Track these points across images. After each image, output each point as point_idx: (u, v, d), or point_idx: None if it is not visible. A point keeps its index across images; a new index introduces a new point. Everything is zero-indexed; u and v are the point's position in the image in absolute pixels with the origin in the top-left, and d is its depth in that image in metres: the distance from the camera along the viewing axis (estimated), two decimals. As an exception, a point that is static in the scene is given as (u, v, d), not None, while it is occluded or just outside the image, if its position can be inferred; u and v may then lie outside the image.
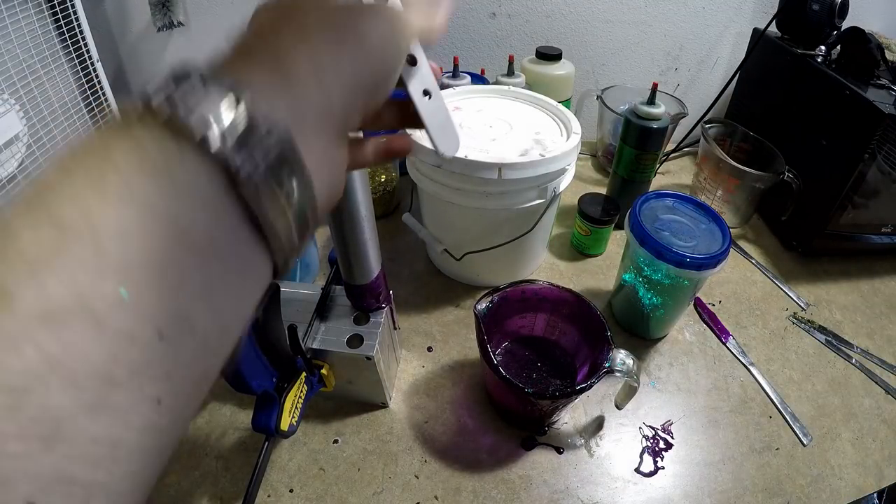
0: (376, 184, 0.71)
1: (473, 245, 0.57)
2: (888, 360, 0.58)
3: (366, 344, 0.43)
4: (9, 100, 0.52)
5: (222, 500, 0.44)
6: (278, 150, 0.15)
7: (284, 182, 0.15)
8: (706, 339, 0.60)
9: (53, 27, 0.58)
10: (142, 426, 0.13)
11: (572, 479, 0.46)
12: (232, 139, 0.14)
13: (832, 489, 0.46)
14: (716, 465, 0.47)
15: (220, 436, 0.48)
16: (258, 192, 0.14)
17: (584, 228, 0.68)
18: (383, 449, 0.47)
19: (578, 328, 0.50)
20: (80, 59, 0.62)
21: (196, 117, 0.13)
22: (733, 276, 0.69)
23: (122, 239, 0.12)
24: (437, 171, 0.52)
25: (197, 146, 0.13)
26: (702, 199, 0.71)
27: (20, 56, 0.53)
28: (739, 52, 0.84)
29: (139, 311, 0.12)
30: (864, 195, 0.63)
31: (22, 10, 0.53)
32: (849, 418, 0.52)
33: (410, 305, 0.61)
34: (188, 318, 0.13)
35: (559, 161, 0.51)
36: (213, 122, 0.13)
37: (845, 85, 0.61)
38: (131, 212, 0.12)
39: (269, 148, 0.14)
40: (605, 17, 0.84)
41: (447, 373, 0.54)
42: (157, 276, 0.12)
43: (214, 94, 0.14)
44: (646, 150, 0.66)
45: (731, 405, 0.53)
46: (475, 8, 0.82)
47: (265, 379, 0.37)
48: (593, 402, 0.52)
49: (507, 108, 0.62)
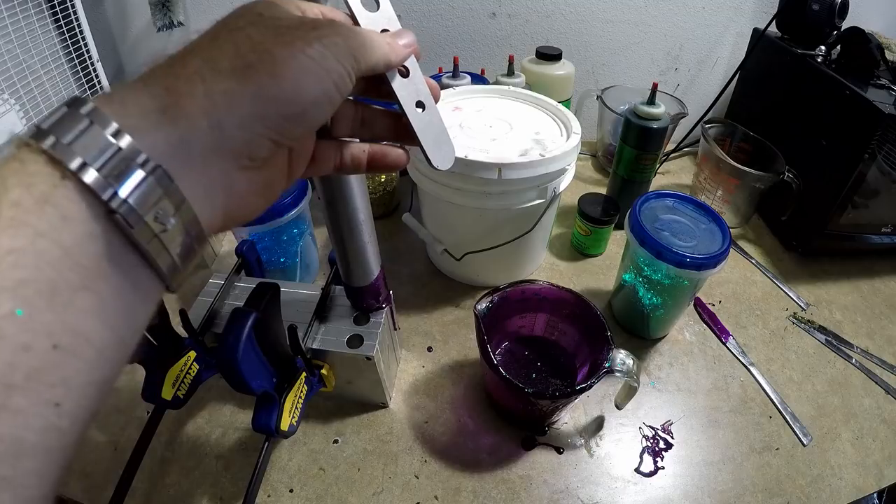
0: (376, 184, 0.71)
1: (473, 245, 0.57)
2: (888, 360, 0.58)
3: (366, 344, 0.43)
4: (9, 100, 0.52)
5: (222, 500, 0.44)
6: (152, 182, 0.16)
7: (159, 213, 0.16)
8: (706, 339, 0.60)
9: (53, 27, 0.58)
10: (42, 427, 0.14)
11: (572, 479, 0.46)
12: (107, 171, 0.15)
13: (832, 489, 0.46)
14: (716, 465, 0.47)
15: (220, 436, 0.48)
16: (128, 224, 0.15)
17: (584, 228, 0.68)
18: (383, 449, 0.47)
19: (578, 328, 0.50)
20: (80, 59, 0.62)
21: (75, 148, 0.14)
22: (733, 276, 0.69)
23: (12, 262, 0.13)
24: (437, 172, 0.52)
25: (74, 177, 0.14)
26: (702, 199, 0.71)
27: (20, 56, 0.53)
28: (739, 52, 0.84)
29: (33, 325, 0.13)
30: (864, 195, 0.63)
31: (22, 10, 0.53)
32: (849, 418, 0.52)
33: (410, 305, 0.61)
34: (81, 331, 0.15)
35: (559, 161, 0.51)
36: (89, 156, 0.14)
37: (845, 85, 0.61)
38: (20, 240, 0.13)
39: (143, 180, 0.15)
40: (605, 17, 0.84)
41: (447, 373, 0.54)
42: (48, 295, 0.14)
43: (96, 127, 0.15)
44: (646, 150, 0.66)
45: (731, 405, 0.53)
46: (475, 8, 0.82)
47: (265, 379, 0.37)
48: (593, 402, 0.52)
49: (507, 108, 0.62)
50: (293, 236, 0.59)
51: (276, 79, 0.18)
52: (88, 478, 0.45)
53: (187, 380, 0.41)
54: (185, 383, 0.41)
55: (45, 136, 0.14)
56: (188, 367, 0.41)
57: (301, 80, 0.19)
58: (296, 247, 0.60)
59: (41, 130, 0.15)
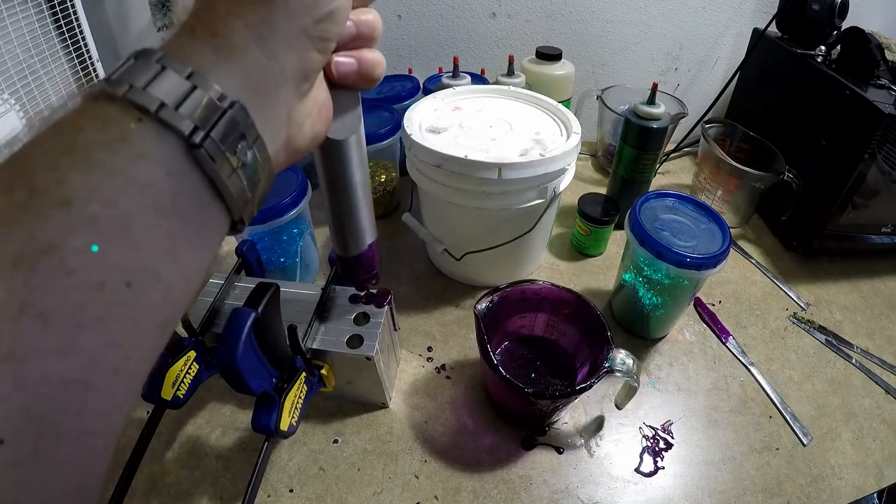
0: (376, 184, 0.71)
1: (473, 245, 0.57)
2: (888, 360, 0.58)
3: (366, 344, 0.43)
4: (9, 100, 0.52)
5: (222, 500, 0.44)
6: (229, 118, 0.16)
7: (237, 147, 0.17)
8: (706, 339, 0.60)
9: (53, 27, 0.58)
10: (109, 369, 0.14)
11: (572, 479, 0.46)
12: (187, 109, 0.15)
13: (832, 489, 0.46)
14: (716, 465, 0.47)
15: (220, 436, 0.48)
16: (211, 158, 0.16)
17: (584, 228, 0.68)
18: (383, 449, 0.47)
19: (578, 328, 0.50)
20: (80, 59, 0.62)
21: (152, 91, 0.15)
22: (733, 276, 0.69)
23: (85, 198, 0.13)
24: (437, 171, 0.52)
25: (152, 117, 0.15)
26: (702, 199, 0.71)
27: (20, 56, 0.53)
28: (739, 52, 0.84)
29: (107, 261, 0.13)
30: (864, 195, 0.63)
31: (22, 10, 0.53)
32: (849, 418, 0.52)
33: (410, 305, 0.61)
34: (153, 268, 0.15)
35: (559, 161, 0.51)
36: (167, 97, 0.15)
37: (845, 85, 0.61)
38: (97, 175, 0.14)
39: (221, 117, 0.16)
40: (605, 17, 0.84)
41: (447, 372, 0.54)
42: (122, 231, 0.14)
43: (169, 72, 0.16)
44: (646, 150, 0.66)
45: (731, 405, 0.53)
46: (475, 8, 0.82)
47: (265, 379, 0.37)
48: (593, 402, 0.52)
49: (507, 108, 0.62)
50: (293, 236, 0.59)
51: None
52: (88, 478, 0.45)
53: (187, 380, 0.41)
54: (185, 383, 0.41)
55: (118, 85, 0.15)
56: (188, 367, 0.41)
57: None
58: (296, 247, 0.60)
59: (112, 81, 0.15)
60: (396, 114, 0.69)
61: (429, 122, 0.58)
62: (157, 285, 0.15)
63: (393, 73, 0.87)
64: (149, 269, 0.15)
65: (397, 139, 0.68)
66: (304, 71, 0.20)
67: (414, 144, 0.53)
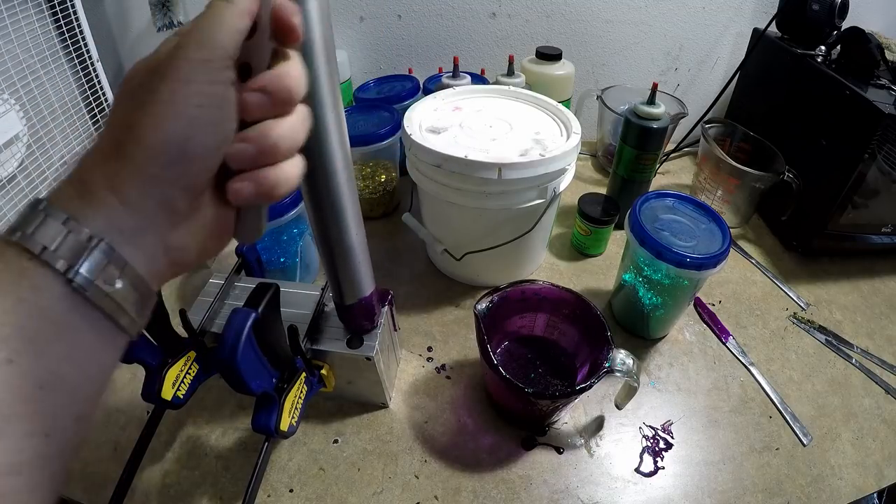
0: (376, 184, 0.71)
1: (473, 245, 0.57)
2: (888, 360, 0.58)
3: (366, 344, 0.43)
4: (9, 100, 0.52)
5: (222, 500, 0.44)
6: (96, 255, 0.19)
7: (106, 277, 0.19)
8: (706, 339, 0.60)
9: (53, 27, 0.58)
10: (33, 454, 0.17)
11: (572, 479, 0.46)
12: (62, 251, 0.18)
13: (832, 489, 0.46)
14: (716, 465, 0.47)
15: (220, 436, 0.48)
16: (84, 287, 0.19)
17: (584, 228, 0.68)
18: (383, 449, 0.47)
19: (578, 328, 0.50)
20: (80, 59, 0.62)
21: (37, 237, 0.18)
22: (733, 276, 0.69)
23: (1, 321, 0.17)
24: (437, 171, 0.52)
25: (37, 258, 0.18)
26: (702, 199, 0.71)
27: (20, 56, 0.53)
28: (739, 52, 0.84)
29: (21, 369, 0.17)
30: (864, 195, 0.63)
31: (22, 10, 0.53)
32: (849, 418, 0.52)
33: (410, 305, 0.61)
34: (58, 373, 0.18)
35: (559, 161, 0.51)
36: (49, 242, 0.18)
37: (845, 85, 0.61)
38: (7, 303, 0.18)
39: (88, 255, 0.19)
40: (605, 17, 0.84)
41: (447, 372, 0.54)
42: (31, 346, 0.18)
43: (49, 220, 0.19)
44: (646, 150, 0.66)
45: (731, 405, 0.53)
46: (475, 8, 0.82)
47: (265, 379, 0.37)
48: (593, 402, 0.52)
49: (507, 108, 0.62)
50: (293, 236, 0.59)
51: (141, 144, 0.20)
52: (88, 478, 0.45)
53: (187, 380, 0.41)
54: (185, 383, 0.41)
55: (13, 232, 0.19)
56: (188, 367, 0.41)
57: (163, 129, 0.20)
58: (296, 247, 0.60)
59: (11, 228, 0.19)
60: (396, 114, 0.69)
61: (429, 122, 0.58)
62: (65, 387, 0.19)
63: (393, 73, 0.87)
64: (56, 375, 0.18)
65: (397, 139, 0.68)
66: (168, 208, 0.21)
67: (414, 144, 0.53)
